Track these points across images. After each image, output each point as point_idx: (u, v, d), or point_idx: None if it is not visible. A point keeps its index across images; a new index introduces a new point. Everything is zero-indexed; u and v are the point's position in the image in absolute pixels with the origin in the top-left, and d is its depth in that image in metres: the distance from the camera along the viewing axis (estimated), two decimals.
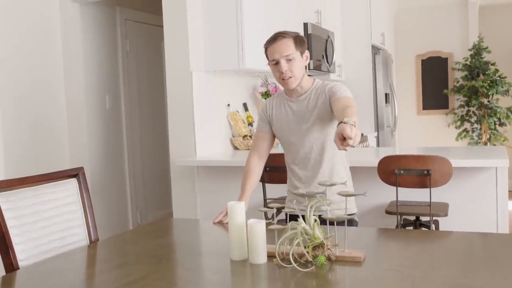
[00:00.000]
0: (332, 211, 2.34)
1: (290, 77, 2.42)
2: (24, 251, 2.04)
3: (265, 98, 4.65)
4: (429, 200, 3.00)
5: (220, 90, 4.28)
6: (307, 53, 2.48)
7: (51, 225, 2.18)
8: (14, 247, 2.00)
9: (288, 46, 2.40)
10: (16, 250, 2.00)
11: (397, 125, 7.17)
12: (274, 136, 2.65)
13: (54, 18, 4.35)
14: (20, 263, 2.00)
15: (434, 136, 7.88)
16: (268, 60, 2.47)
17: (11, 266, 1.97)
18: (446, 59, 7.79)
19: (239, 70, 4.14)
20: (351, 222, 2.48)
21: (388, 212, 3.18)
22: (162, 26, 4.00)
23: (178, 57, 3.92)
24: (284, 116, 2.55)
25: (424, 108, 7.97)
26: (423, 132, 7.95)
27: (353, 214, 2.53)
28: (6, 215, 2.01)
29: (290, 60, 2.40)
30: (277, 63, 2.42)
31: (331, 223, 1.84)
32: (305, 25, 4.93)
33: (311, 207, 1.77)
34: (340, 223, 1.84)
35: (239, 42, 3.93)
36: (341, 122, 1.95)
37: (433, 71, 7.87)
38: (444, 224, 3.28)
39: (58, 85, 4.37)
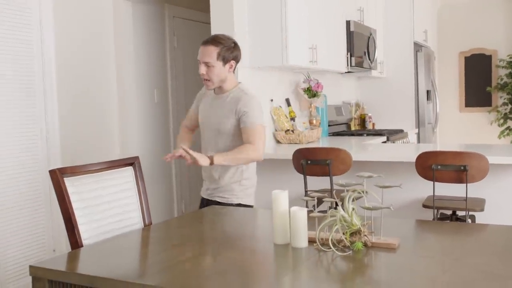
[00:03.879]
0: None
1: (207, 80, 2.70)
2: (87, 231, 2.25)
3: (307, 94, 4.77)
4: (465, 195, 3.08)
5: (264, 86, 4.42)
6: (232, 62, 2.70)
7: (110, 209, 2.38)
8: (78, 227, 2.20)
9: (209, 54, 2.65)
10: (80, 230, 2.21)
11: (439, 122, 7.18)
12: None
13: (108, 15, 4.58)
14: (83, 242, 2.21)
15: (476, 133, 7.84)
16: None
17: (76, 244, 2.18)
18: (490, 56, 7.73)
19: (283, 66, 4.28)
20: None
21: (425, 206, 3.27)
22: (209, 23, 4.17)
23: None
24: (204, 106, 2.88)
25: (466, 106, 7.93)
26: (465, 130, 7.92)
27: (243, 204, 2.88)
28: (72, 198, 2.22)
29: (209, 67, 2.66)
30: (200, 64, 2.71)
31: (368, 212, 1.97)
32: (348, 22, 5.03)
33: (349, 198, 1.91)
34: None
35: (283, 40, 4.06)
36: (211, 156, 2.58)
37: (477, 68, 7.82)
38: (481, 219, 3.34)
39: (110, 79, 4.60)
